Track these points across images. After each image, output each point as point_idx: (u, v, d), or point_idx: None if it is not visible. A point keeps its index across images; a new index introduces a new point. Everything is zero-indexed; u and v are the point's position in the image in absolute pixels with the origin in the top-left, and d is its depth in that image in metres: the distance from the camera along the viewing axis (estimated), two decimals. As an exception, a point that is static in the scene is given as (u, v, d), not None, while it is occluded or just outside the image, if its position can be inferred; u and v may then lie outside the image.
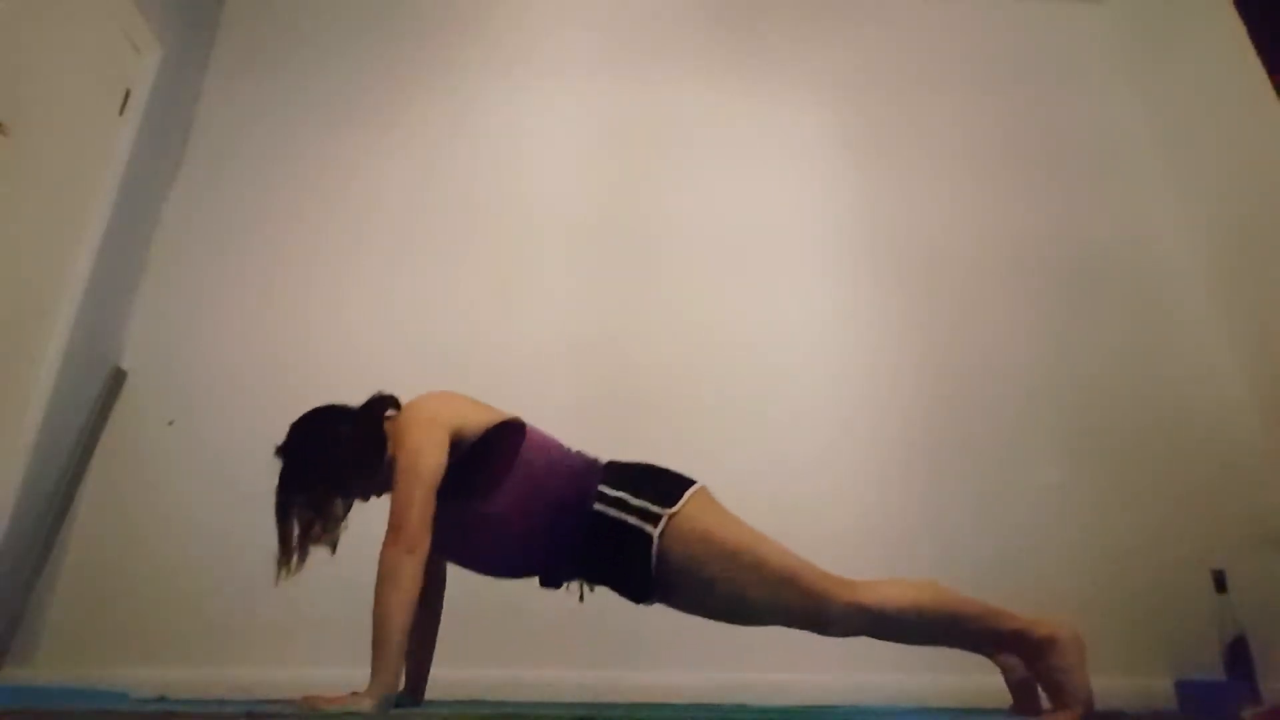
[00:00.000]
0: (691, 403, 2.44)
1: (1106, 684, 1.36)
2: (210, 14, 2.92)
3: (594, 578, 1.50)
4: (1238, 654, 2.00)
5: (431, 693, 1.61)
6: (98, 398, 2.29)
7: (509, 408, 2.37)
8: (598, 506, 1.42)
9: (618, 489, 1.44)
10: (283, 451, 1.48)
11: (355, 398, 2.37)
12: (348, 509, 1.50)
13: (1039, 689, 1.40)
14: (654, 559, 1.38)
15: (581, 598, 1.52)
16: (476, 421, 1.47)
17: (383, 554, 1.32)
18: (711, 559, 1.39)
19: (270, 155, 2.73)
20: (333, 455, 1.47)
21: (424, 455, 1.38)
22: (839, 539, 2.27)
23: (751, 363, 2.52)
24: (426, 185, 2.72)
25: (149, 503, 2.22)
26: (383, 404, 1.56)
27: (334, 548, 1.44)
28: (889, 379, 2.52)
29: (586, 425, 2.39)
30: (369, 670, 1.26)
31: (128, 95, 2.41)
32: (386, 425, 1.51)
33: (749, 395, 2.47)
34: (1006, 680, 1.48)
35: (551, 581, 1.51)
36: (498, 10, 3.07)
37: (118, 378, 2.36)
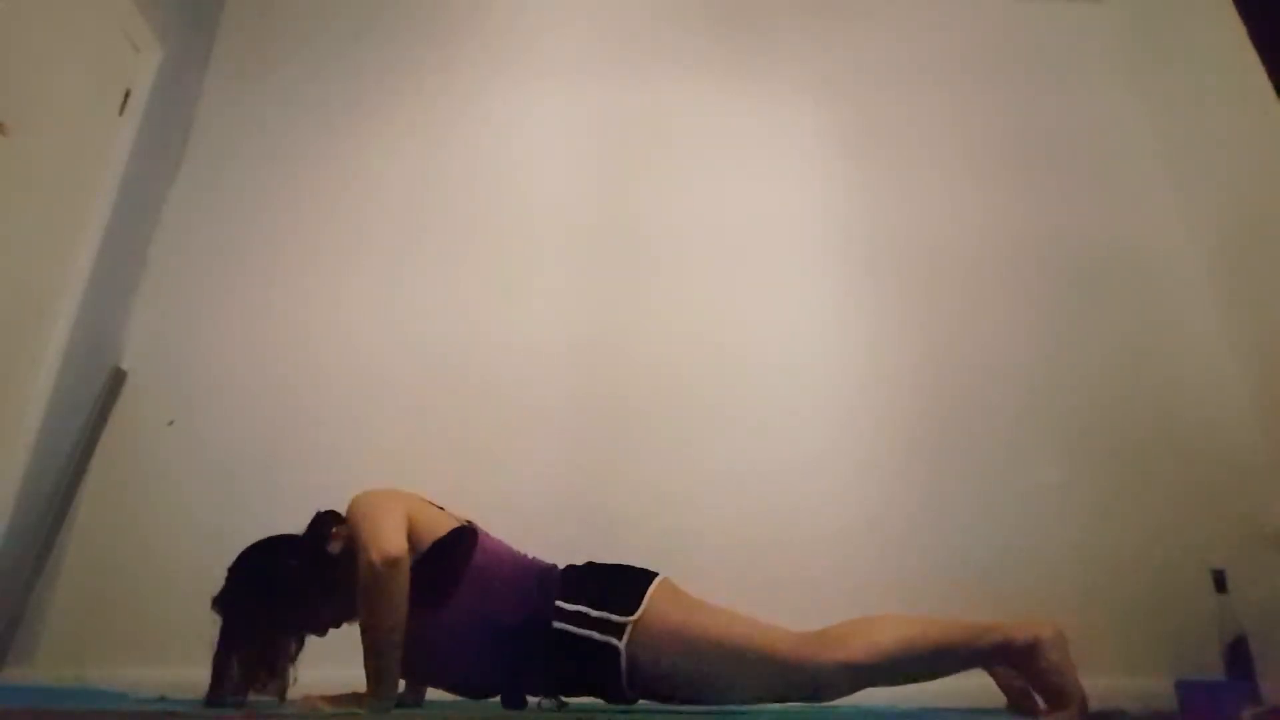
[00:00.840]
0: (690, 402, 2.44)
1: (1106, 684, 1.36)
2: (210, 14, 2.92)
3: (565, 692, 1.42)
4: (1238, 654, 2.00)
5: (431, 693, 1.61)
6: (98, 398, 2.29)
7: (507, 407, 2.39)
8: (557, 624, 1.35)
9: (575, 602, 1.37)
10: (223, 598, 1.38)
11: (355, 397, 2.38)
12: (299, 649, 1.43)
13: (1033, 692, 1.40)
14: (624, 669, 1.33)
15: (560, 708, 1.43)
16: (429, 521, 1.41)
17: (361, 570, 1.29)
18: (685, 655, 1.34)
19: (270, 155, 2.73)
20: (280, 591, 1.38)
21: (385, 524, 1.32)
22: (838, 539, 2.28)
23: (750, 362, 2.52)
24: (425, 185, 2.72)
25: (149, 503, 2.22)
26: (325, 522, 1.47)
27: (283, 695, 1.35)
28: (888, 379, 2.52)
29: (584, 425, 2.40)
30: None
31: (128, 95, 2.41)
32: (333, 542, 1.43)
33: (748, 395, 2.47)
34: (1000, 686, 1.48)
35: (513, 702, 1.41)
36: (496, 10, 3.07)
37: (118, 378, 2.36)
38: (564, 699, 1.43)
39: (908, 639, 1.36)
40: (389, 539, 1.29)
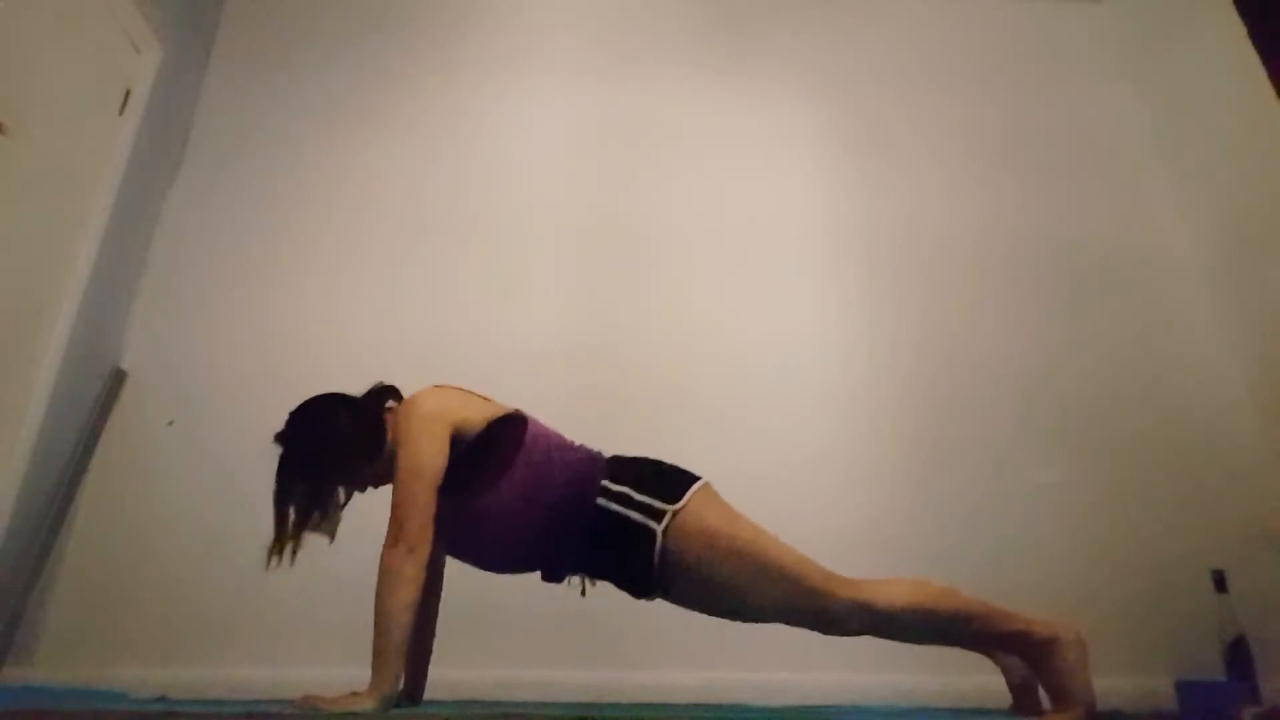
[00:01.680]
0: (688, 402, 2.44)
1: (1106, 684, 1.36)
2: (210, 14, 2.92)
3: (596, 573, 1.49)
4: (1238, 654, 2.00)
5: (431, 692, 1.61)
6: (98, 398, 2.29)
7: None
8: (600, 501, 1.41)
9: (621, 484, 1.43)
10: (281, 439, 1.47)
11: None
12: (348, 498, 1.50)
13: (1040, 690, 1.40)
14: (657, 555, 1.38)
15: (584, 592, 1.52)
16: (478, 416, 1.46)
17: (384, 555, 1.32)
18: (714, 556, 1.39)
19: (270, 155, 2.73)
20: (332, 444, 1.46)
21: (424, 454, 1.38)
22: (837, 538, 2.26)
23: (749, 362, 2.52)
24: (425, 185, 2.72)
25: (149, 503, 2.22)
26: (384, 394, 1.55)
27: (332, 536, 1.43)
28: (887, 378, 2.52)
29: (582, 425, 2.40)
30: (369, 670, 1.26)
31: (128, 95, 2.41)
32: (387, 416, 1.51)
33: (746, 394, 2.47)
34: (1008, 681, 1.48)
35: (553, 576, 1.50)
36: (495, 10, 3.07)
37: (118, 378, 2.36)
38: (590, 581, 1.50)
39: (928, 598, 1.40)
40: (413, 525, 1.32)
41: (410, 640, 1.33)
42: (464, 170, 2.75)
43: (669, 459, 1.52)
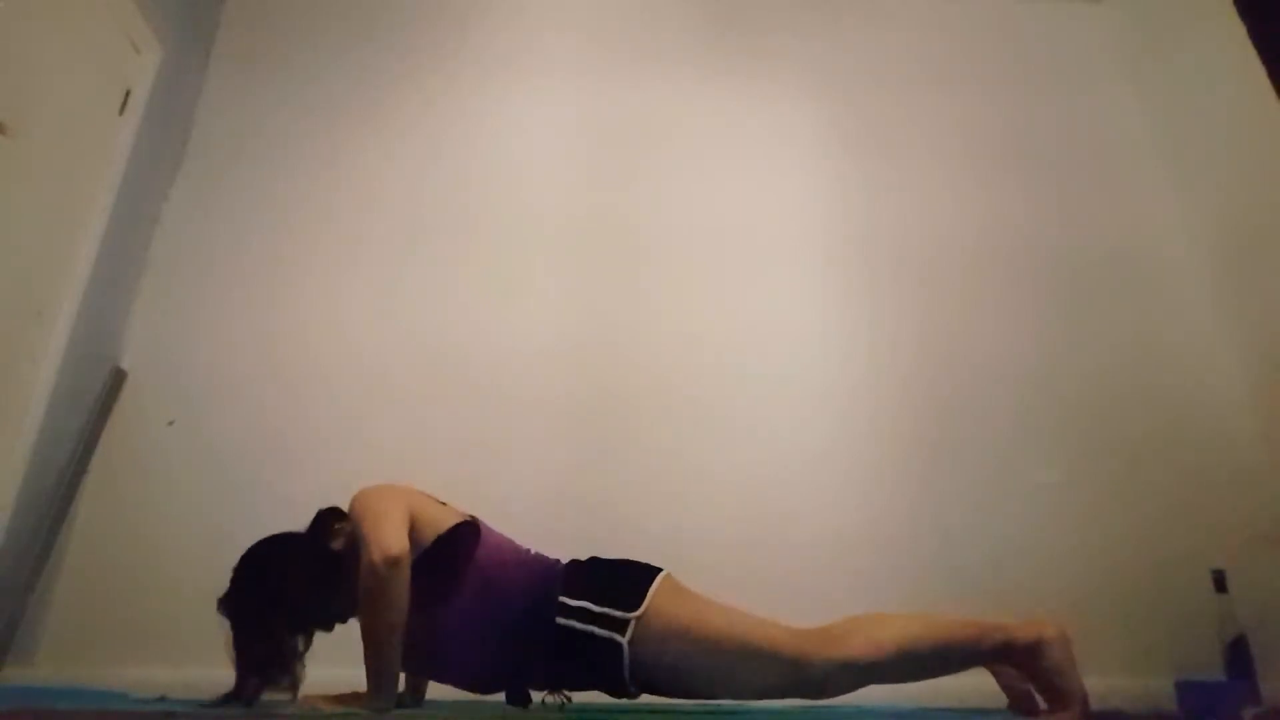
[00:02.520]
0: (688, 402, 2.44)
1: (1106, 684, 1.36)
2: (210, 14, 2.92)
3: (569, 687, 1.43)
4: (1238, 654, 2.00)
5: (431, 692, 1.61)
6: (98, 398, 2.29)
7: (507, 406, 2.39)
8: (560, 620, 1.35)
9: (579, 598, 1.37)
10: (226, 604, 1.38)
11: (354, 396, 2.38)
12: (308, 644, 1.42)
13: (1034, 691, 1.40)
14: (627, 664, 1.33)
15: (563, 707, 1.43)
16: (431, 517, 1.41)
17: (363, 574, 1.28)
18: (687, 651, 1.34)
19: (270, 155, 2.73)
20: (285, 589, 1.37)
21: (385, 500, 1.34)
22: (837, 538, 2.28)
23: (748, 363, 2.52)
24: (425, 185, 2.72)
25: (149, 503, 2.22)
26: (328, 520, 1.46)
27: (295, 692, 1.34)
28: (887, 378, 2.52)
29: (583, 424, 2.40)
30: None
31: (128, 95, 2.41)
32: (335, 543, 1.43)
33: (746, 394, 2.47)
34: (1001, 685, 1.47)
35: (517, 699, 1.42)
36: (495, 11, 3.07)
37: (118, 378, 2.36)
38: (568, 695, 1.43)
39: (910, 637, 1.36)
40: (390, 538, 1.29)
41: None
42: (464, 170, 2.75)
43: (669, 458, 1.51)
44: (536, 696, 1.44)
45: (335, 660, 1.42)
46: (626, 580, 1.41)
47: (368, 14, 3.01)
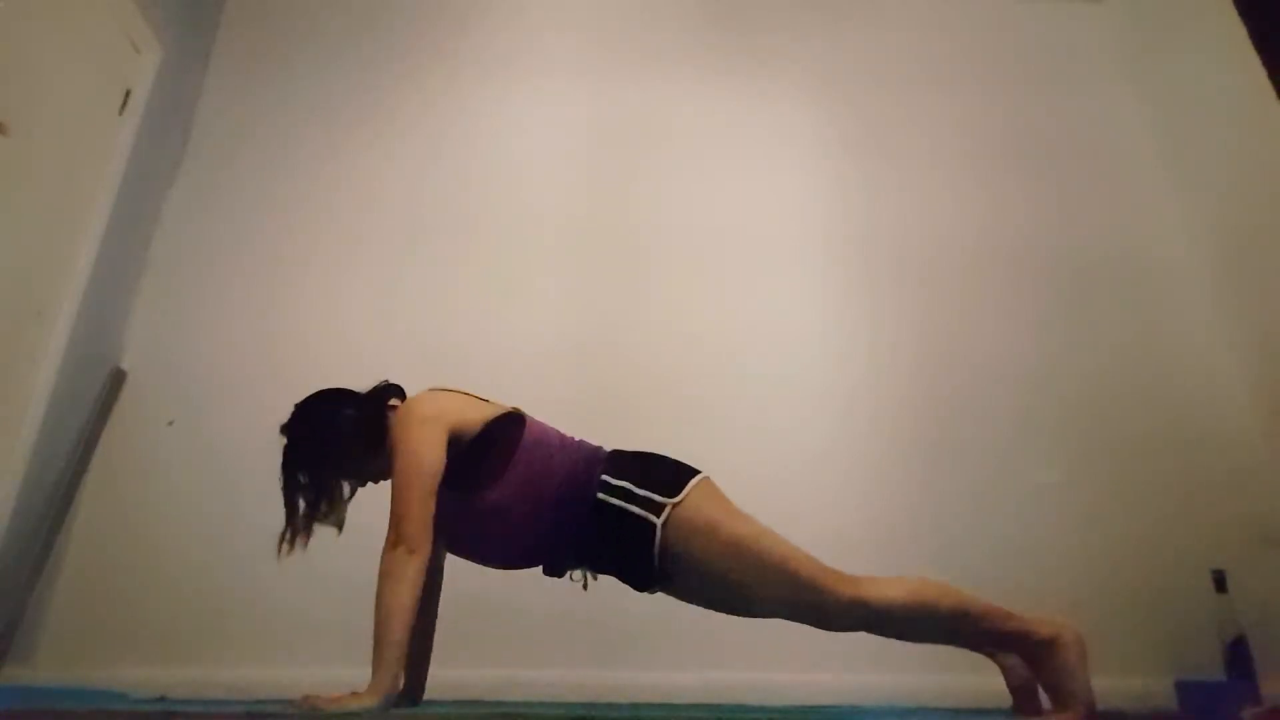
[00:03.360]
0: (689, 402, 2.44)
1: (1106, 684, 1.36)
2: (210, 14, 2.92)
3: (597, 566, 1.50)
4: (1238, 654, 2.00)
5: (431, 692, 1.61)
6: (98, 398, 2.29)
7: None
8: (601, 495, 1.42)
9: (621, 478, 1.44)
10: (286, 430, 1.50)
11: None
12: (353, 491, 1.52)
13: (1039, 690, 1.40)
14: (656, 548, 1.39)
15: (585, 586, 1.52)
16: (475, 417, 1.47)
17: (384, 557, 1.32)
18: (714, 550, 1.39)
19: (270, 155, 2.73)
20: (335, 437, 1.48)
21: (422, 455, 1.38)
22: (838, 538, 2.26)
23: (747, 362, 2.52)
24: (425, 185, 2.72)
25: (149, 503, 2.22)
26: (388, 392, 1.56)
27: (340, 527, 1.45)
28: (887, 378, 2.52)
29: (582, 425, 2.40)
30: (369, 670, 1.26)
31: (128, 95, 2.41)
32: (389, 414, 1.51)
33: (747, 394, 2.47)
34: (1007, 680, 1.48)
35: (554, 570, 1.51)
36: (495, 11, 3.07)
37: (118, 378, 2.36)
38: (592, 575, 1.51)
39: (928, 596, 1.39)
40: (413, 527, 1.32)
41: (410, 640, 1.32)
42: (464, 170, 2.75)
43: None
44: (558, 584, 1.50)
45: (335, 660, 1.42)
46: (669, 471, 1.47)
47: (368, 14, 3.01)
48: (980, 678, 1.51)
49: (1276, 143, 2.42)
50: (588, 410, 2.41)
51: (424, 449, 1.39)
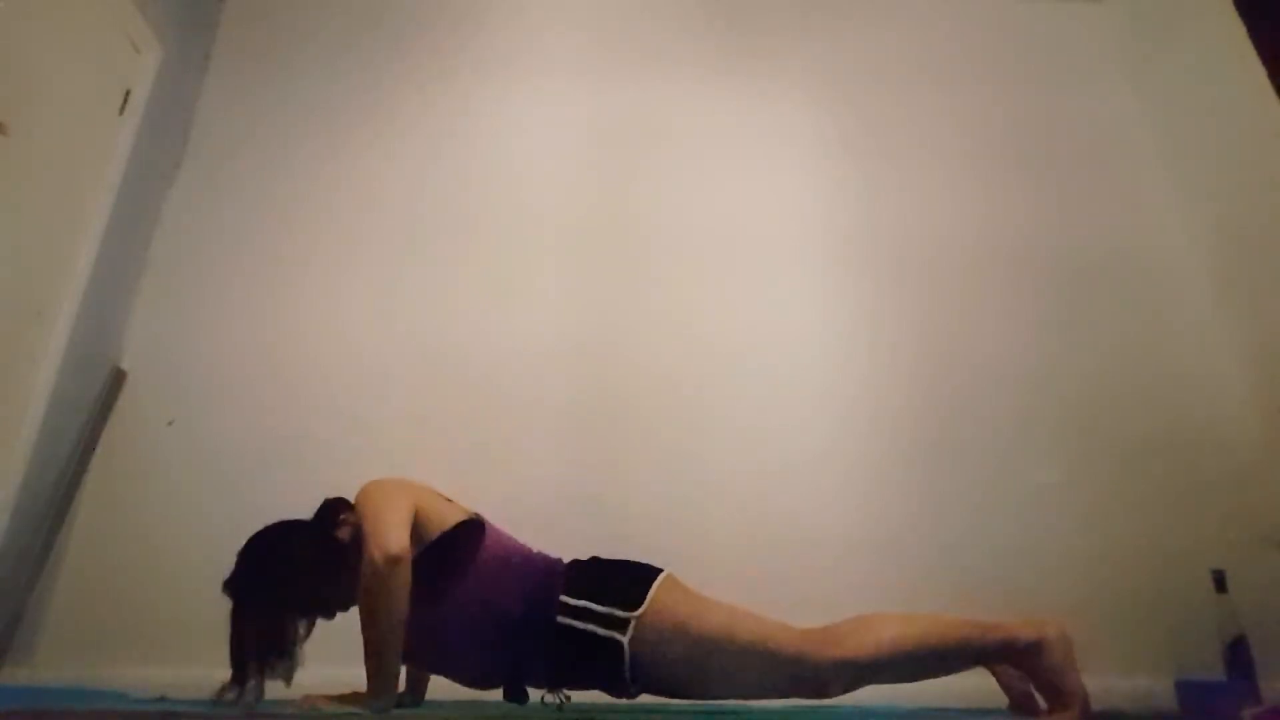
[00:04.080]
0: (689, 402, 2.44)
1: (1106, 684, 1.36)
2: (210, 14, 2.92)
3: (569, 686, 1.43)
4: (1238, 654, 2.00)
5: (432, 692, 1.61)
6: (98, 398, 2.29)
7: (507, 406, 2.39)
8: (561, 619, 1.37)
9: (580, 597, 1.38)
10: (230, 586, 1.38)
11: (354, 396, 2.38)
12: (309, 630, 1.44)
13: (1034, 692, 1.40)
14: (628, 664, 1.34)
15: (561, 707, 1.42)
16: (437, 513, 1.42)
17: (364, 567, 1.29)
18: (688, 650, 1.35)
19: (270, 155, 2.73)
20: (288, 574, 1.38)
21: (390, 492, 1.36)
22: (838, 538, 2.28)
23: (749, 362, 2.52)
24: (424, 185, 2.72)
25: (149, 503, 2.22)
26: (334, 509, 1.47)
27: (289, 680, 1.36)
28: (887, 378, 2.52)
29: (584, 424, 2.40)
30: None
31: (128, 95, 2.41)
32: (340, 532, 1.44)
33: (747, 395, 2.47)
34: (1002, 686, 1.48)
35: (515, 695, 1.43)
36: (495, 11, 3.07)
37: (118, 378, 2.36)
38: (566, 693, 1.43)
39: (911, 637, 1.36)
40: (391, 537, 1.29)
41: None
42: (464, 170, 2.75)
43: (670, 457, 1.51)
44: (535, 695, 1.44)
45: (335, 660, 1.42)
46: (628, 579, 1.42)
47: (368, 14, 3.01)
48: (980, 678, 1.51)
49: (1276, 143, 2.42)
50: (588, 410, 2.42)
51: (393, 497, 1.36)
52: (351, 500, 1.44)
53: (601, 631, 1.35)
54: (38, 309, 2.10)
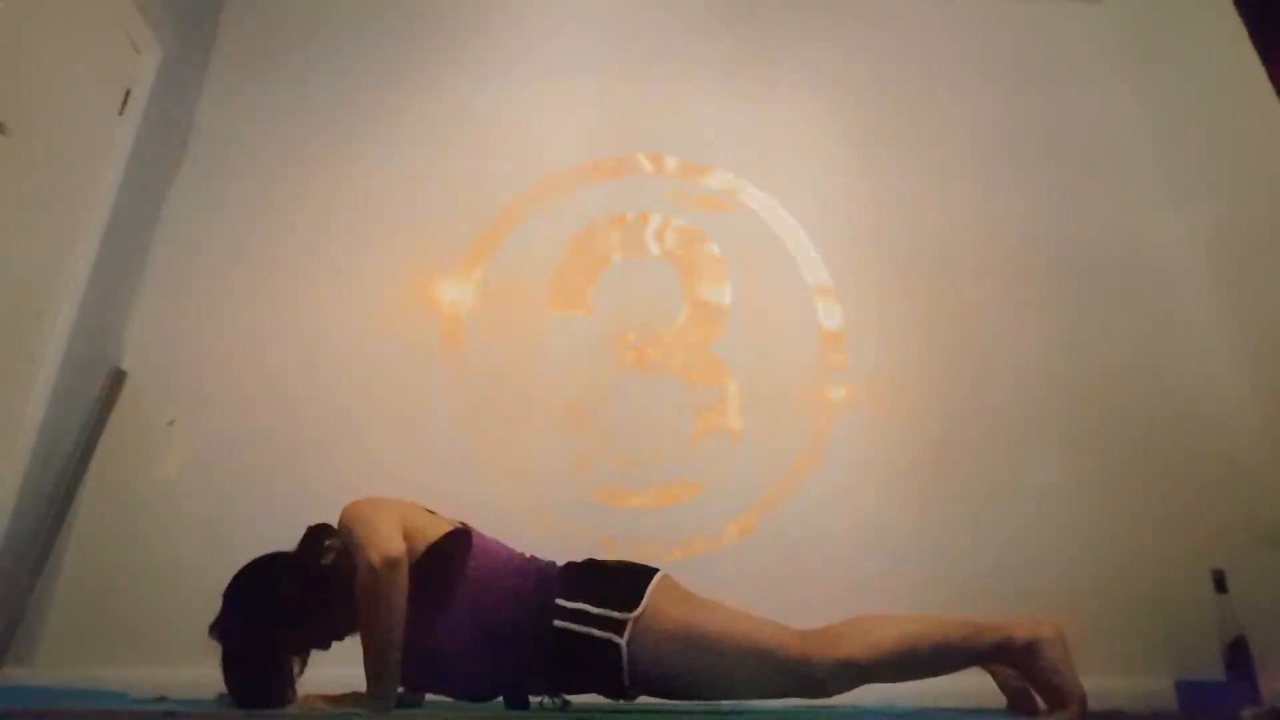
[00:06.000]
0: (688, 402, 2.44)
1: (1106, 684, 1.36)
2: (210, 14, 2.92)
3: (567, 689, 1.43)
4: (1238, 654, 2.00)
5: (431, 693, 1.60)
6: (98, 398, 2.29)
7: (507, 407, 2.39)
8: (558, 622, 1.36)
9: (575, 600, 1.37)
10: (218, 629, 1.34)
11: (355, 396, 2.38)
12: (304, 666, 1.41)
13: (1033, 691, 1.40)
14: (625, 665, 1.34)
15: (563, 708, 1.42)
16: (422, 527, 1.40)
17: (361, 574, 1.28)
18: (685, 651, 1.34)
19: (270, 155, 2.73)
20: (276, 618, 1.34)
21: (378, 504, 1.34)
22: (838, 539, 2.28)
23: (748, 362, 2.52)
24: (425, 184, 2.72)
25: (149, 503, 2.22)
26: (317, 537, 1.44)
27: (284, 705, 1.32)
28: (888, 378, 2.52)
29: (581, 425, 2.40)
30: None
31: (128, 95, 2.41)
32: (325, 559, 1.40)
33: (745, 394, 2.47)
34: (1000, 685, 1.48)
35: (516, 704, 1.42)
36: (498, 10, 3.07)
37: (118, 378, 2.36)
38: (567, 697, 1.43)
39: (908, 637, 1.36)
40: (386, 539, 1.28)
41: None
42: (465, 170, 2.75)
43: (671, 459, 1.51)
44: (534, 701, 1.44)
45: (335, 660, 1.42)
46: (624, 581, 1.41)
47: (369, 14, 3.01)
48: (980, 678, 1.51)
49: (1276, 143, 2.42)
50: (588, 410, 2.42)
51: (380, 507, 1.34)
52: (334, 525, 1.41)
53: (599, 633, 1.34)
54: (38, 309, 2.10)
